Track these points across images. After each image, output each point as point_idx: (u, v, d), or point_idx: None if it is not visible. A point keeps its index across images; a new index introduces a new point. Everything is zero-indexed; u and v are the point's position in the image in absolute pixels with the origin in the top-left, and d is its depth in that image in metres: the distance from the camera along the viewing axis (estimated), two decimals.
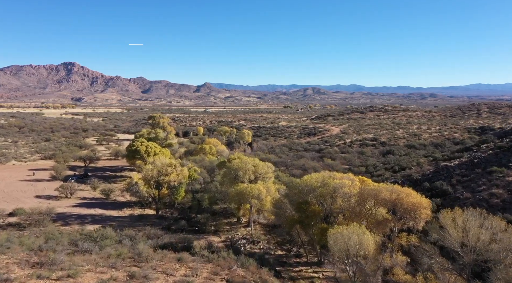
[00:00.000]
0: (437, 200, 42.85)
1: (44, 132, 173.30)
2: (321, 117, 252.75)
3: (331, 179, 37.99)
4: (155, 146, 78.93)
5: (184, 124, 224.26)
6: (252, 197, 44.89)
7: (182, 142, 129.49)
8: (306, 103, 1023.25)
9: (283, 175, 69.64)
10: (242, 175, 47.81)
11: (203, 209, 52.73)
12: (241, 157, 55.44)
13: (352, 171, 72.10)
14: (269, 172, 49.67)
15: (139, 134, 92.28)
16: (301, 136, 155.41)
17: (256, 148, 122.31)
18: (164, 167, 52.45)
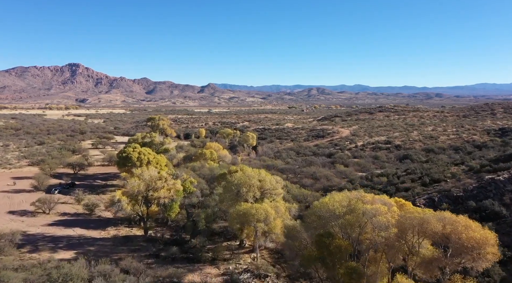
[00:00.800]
0: (489, 224, 34.21)
1: (40, 134, 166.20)
2: (328, 118, 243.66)
3: (359, 203, 29.31)
4: (149, 152, 70.69)
5: (186, 126, 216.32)
6: (257, 220, 36.42)
7: (182, 145, 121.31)
8: (310, 104, 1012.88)
9: (293, 186, 61.00)
10: (245, 192, 39.29)
11: (199, 230, 44.39)
12: (245, 169, 46.92)
13: (371, 181, 63.31)
14: (278, 188, 41.09)
15: (133, 139, 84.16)
16: (309, 139, 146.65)
17: (261, 152, 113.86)
18: (152, 181, 44.07)
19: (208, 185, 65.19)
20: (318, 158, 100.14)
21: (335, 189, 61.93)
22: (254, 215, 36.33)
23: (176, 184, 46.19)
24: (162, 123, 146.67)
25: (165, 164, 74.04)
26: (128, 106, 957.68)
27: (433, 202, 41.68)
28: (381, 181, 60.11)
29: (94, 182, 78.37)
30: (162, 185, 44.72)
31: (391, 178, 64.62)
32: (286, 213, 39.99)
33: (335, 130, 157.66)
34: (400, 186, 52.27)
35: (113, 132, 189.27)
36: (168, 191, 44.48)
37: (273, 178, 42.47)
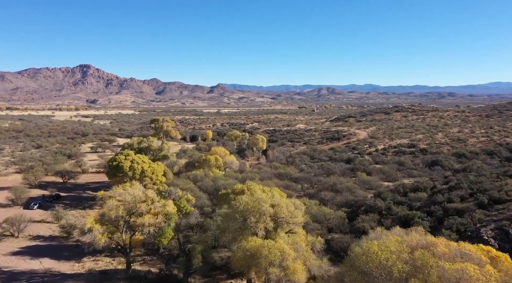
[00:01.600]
0: None
1: (40, 137, 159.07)
2: (341, 119, 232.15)
3: (429, 257, 18.83)
4: (144, 160, 61.21)
5: (193, 127, 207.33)
6: (270, 264, 26.40)
7: (186, 149, 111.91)
8: (321, 103, 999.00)
9: (311, 203, 50.64)
10: (253, 222, 29.21)
11: (195, 268, 34.49)
12: (253, 188, 36.75)
13: (406, 197, 52.42)
14: (298, 216, 30.80)
15: (128, 144, 74.92)
16: (323, 141, 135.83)
17: (272, 157, 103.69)
18: (135, 203, 34.36)
19: (210, 200, 55.40)
20: (336, 165, 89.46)
21: (362, 207, 51.52)
22: (266, 256, 26.30)
23: (166, 206, 36.35)
24: (166, 125, 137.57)
25: (163, 174, 64.52)
26: (138, 106, 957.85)
27: (506, 235, 31.12)
28: (419, 198, 49.40)
29: (84, 194, 69.31)
30: (148, 208, 34.94)
31: (428, 191, 53.74)
32: (309, 250, 29.79)
33: (351, 131, 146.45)
34: (448, 206, 41.61)
35: (116, 134, 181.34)
36: (155, 217, 34.66)
37: (290, 202, 32.21)
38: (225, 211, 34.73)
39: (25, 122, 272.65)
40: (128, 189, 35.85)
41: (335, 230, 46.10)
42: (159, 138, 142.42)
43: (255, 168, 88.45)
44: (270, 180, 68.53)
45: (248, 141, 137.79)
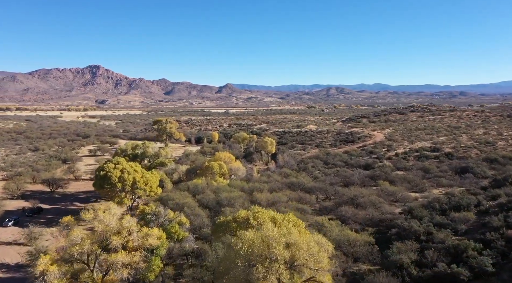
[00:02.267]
0: None
1: (40, 139, 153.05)
2: (354, 119, 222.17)
3: None
4: (136, 169, 53.19)
5: (199, 128, 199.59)
6: None
7: (189, 153, 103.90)
8: (330, 103, 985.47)
9: (331, 224, 41.83)
10: (262, 272, 20.74)
11: None
12: (261, 218, 27.93)
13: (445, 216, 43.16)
14: (323, 261, 22.15)
15: (121, 149, 66.85)
16: (336, 144, 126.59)
17: (282, 162, 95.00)
18: (107, 235, 26.23)
19: (211, 216, 47.08)
20: (354, 172, 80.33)
21: (394, 228, 42.55)
22: None
23: (149, 236, 28.10)
24: (170, 127, 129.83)
25: (159, 184, 56.39)
26: (146, 107, 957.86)
27: None
28: (465, 218, 40.36)
29: (71, 206, 61.59)
30: (124, 240, 26.75)
31: (472, 209, 44.58)
32: None
33: (366, 133, 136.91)
34: (509, 234, 32.63)
35: (119, 135, 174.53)
36: (133, 254, 26.40)
37: (312, 239, 23.55)
38: (225, 252, 26.17)
39: (30, 123, 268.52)
40: (100, 216, 27.66)
41: (363, 260, 37.42)
42: (162, 140, 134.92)
43: (263, 175, 79.88)
44: (280, 192, 59.97)
45: (256, 143, 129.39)
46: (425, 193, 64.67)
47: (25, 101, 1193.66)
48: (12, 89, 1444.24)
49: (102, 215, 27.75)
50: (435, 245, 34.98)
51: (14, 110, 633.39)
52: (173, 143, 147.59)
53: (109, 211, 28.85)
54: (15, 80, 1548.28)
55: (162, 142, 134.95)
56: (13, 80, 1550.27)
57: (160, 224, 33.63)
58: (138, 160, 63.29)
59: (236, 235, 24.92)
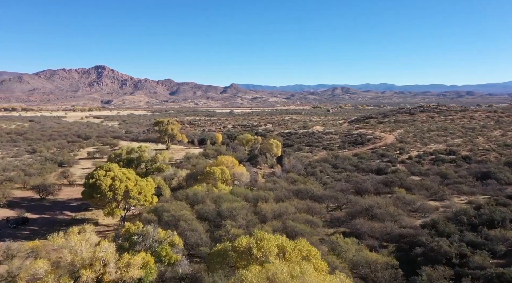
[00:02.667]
0: None
1: (40, 140, 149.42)
2: (361, 120, 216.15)
3: None
4: (129, 176, 48.32)
5: (202, 129, 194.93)
6: None
7: (191, 156, 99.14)
8: (335, 103, 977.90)
9: (347, 243, 36.47)
10: None
11: None
12: (266, 248, 22.61)
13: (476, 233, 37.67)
14: None
15: (115, 154, 62.04)
16: (345, 146, 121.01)
17: (288, 166, 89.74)
18: (76, 268, 21.31)
19: (210, 231, 42.05)
20: (366, 176, 74.88)
21: (418, 247, 37.10)
22: None
23: (131, 266, 23.15)
24: (171, 128, 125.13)
25: (154, 193, 51.50)
26: (151, 107, 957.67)
27: None
28: (502, 237, 34.91)
29: (60, 215, 56.93)
30: (99, 273, 21.80)
31: (507, 224, 39.07)
32: None
33: (376, 135, 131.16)
34: None
35: (121, 137, 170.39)
36: None
37: (333, 281, 18.36)
38: None
39: (33, 124, 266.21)
40: (71, 242, 22.73)
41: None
42: (164, 142, 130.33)
43: (269, 181, 74.67)
44: (287, 200, 54.79)
45: (260, 145, 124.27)
46: (445, 202, 59.07)
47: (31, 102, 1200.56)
48: (19, 89, 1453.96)
49: (73, 241, 22.84)
50: (473, 271, 29.59)
51: (20, 110, 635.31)
52: (176, 144, 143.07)
53: (83, 235, 23.90)
54: (22, 81, 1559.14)
55: (164, 144, 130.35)
56: (20, 80, 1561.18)
57: (149, 246, 28.71)
58: (133, 165, 58.48)
59: (236, 266, 19.84)
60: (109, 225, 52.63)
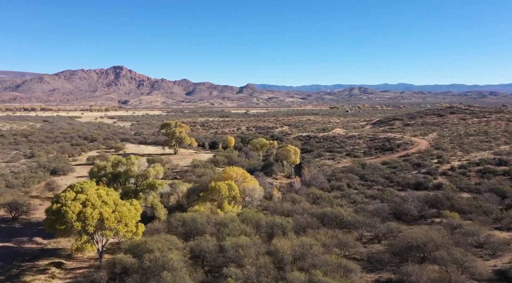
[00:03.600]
0: None
1: (43, 143, 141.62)
2: (385, 122, 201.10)
3: None
4: (105, 200, 37.02)
5: (215, 132, 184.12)
6: None
7: (198, 164, 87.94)
8: (353, 103, 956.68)
9: None
10: None
11: None
12: None
13: None
14: None
15: (99, 167, 50.40)
16: (371, 152, 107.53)
17: (308, 177, 77.27)
18: None
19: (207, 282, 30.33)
20: (405, 195, 61.66)
21: None
22: None
23: None
24: (179, 131, 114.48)
25: (139, 220, 40.09)
26: (167, 107, 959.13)
27: None
28: None
29: (28, 243, 46.30)
30: None
31: None
32: None
33: (406, 139, 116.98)
34: None
35: (129, 139, 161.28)
36: None
37: None
38: None
39: (45, 124, 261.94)
40: None
41: None
42: (171, 146, 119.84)
43: (286, 197, 62.43)
44: (311, 230, 42.55)
45: (276, 151, 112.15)
46: None
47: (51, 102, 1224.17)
48: (40, 89, 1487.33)
49: None
50: None
51: (39, 110, 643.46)
52: (186, 148, 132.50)
53: None
54: (43, 81, 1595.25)
55: (171, 148, 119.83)
56: (41, 81, 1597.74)
57: None
58: (120, 181, 47.40)
59: None
60: (84, 260, 41.64)
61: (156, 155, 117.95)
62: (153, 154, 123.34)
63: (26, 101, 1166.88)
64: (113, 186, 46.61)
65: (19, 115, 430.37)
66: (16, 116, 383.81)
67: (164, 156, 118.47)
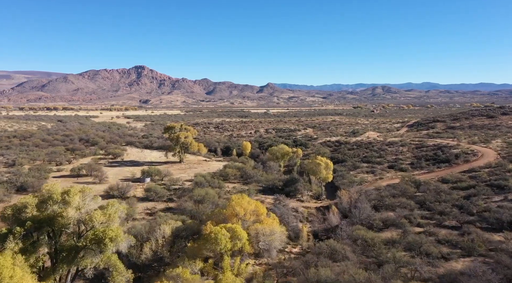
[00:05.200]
0: None
1: (38, 146, 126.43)
2: (424, 124, 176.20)
3: None
4: None
5: (230, 135, 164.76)
6: None
7: (200, 182, 68.38)
8: (376, 103, 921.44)
9: None
10: None
11: None
12: None
13: None
14: None
15: (14, 209, 30.66)
16: (421, 164, 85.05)
17: (347, 204, 56.48)
18: None
19: None
20: (494, 239, 39.90)
21: None
22: None
23: None
24: (184, 135, 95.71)
25: None
26: (187, 106, 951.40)
27: None
28: None
29: None
30: None
31: None
32: None
33: (464, 148, 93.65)
34: None
35: (134, 143, 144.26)
36: None
37: None
38: None
39: (57, 124, 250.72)
40: None
41: None
42: (174, 153, 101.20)
43: (321, 247, 41.70)
44: None
45: (299, 160, 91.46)
46: None
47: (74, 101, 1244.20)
48: (64, 89, 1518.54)
49: None
50: None
51: (61, 109, 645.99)
52: (195, 154, 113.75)
53: None
54: (67, 81, 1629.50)
55: (175, 156, 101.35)
56: (65, 80, 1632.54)
57: None
58: (48, 233, 28.16)
59: None
60: None
61: (158, 164, 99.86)
62: (155, 162, 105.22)
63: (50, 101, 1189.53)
64: (37, 241, 27.67)
65: (38, 114, 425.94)
66: (34, 116, 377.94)
67: (167, 165, 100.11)
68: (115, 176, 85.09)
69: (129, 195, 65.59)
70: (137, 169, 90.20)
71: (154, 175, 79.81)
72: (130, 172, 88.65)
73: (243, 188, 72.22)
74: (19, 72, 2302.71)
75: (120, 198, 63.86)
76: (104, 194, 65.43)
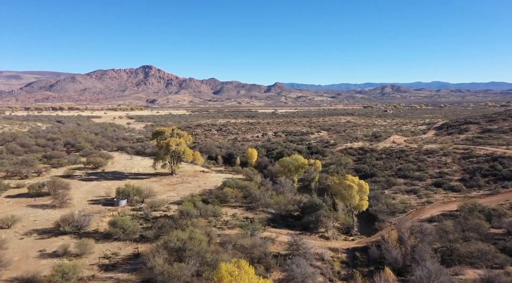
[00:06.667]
0: None
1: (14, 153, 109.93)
2: (454, 126, 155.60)
3: None
4: None
5: (234, 138, 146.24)
6: None
7: (186, 211, 49.98)
8: (386, 102, 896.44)
9: None
10: None
11: None
12: None
13: None
14: None
15: None
16: (478, 181, 65.72)
17: (396, 249, 38.12)
18: None
19: None
20: None
21: None
22: None
23: None
24: (176, 142, 77.68)
25: None
26: (194, 106, 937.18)
27: None
28: None
29: None
30: None
31: None
32: None
33: None
34: None
35: (125, 148, 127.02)
36: None
37: None
38: None
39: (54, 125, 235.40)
40: None
41: None
42: (164, 164, 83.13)
43: None
44: None
45: (318, 175, 72.75)
46: None
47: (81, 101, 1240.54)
48: (72, 89, 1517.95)
49: None
50: None
51: (66, 109, 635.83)
52: (193, 163, 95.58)
53: None
54: (75, 81, 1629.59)
55: (164, 167, 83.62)
56: (73, 80, 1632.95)
57: None
58: None
59: None
60: None
61: (144, 177, 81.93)
62: (141, 174, 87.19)
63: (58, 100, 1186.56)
64: None
65: (40, 114, 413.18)
66: (34, 116, 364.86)
67: (155, 178, 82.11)
68: (86, 195, 67.32)
69: (89, 229, 47.78)
70: (118, 183, 72.19)
71: (132, 195, 61.91)
72: (107, 189, 70.80)
73: (247, 215, 54.04)
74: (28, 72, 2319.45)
75: (74, 234, 46.08)
76: (52, 229, 47.62)
